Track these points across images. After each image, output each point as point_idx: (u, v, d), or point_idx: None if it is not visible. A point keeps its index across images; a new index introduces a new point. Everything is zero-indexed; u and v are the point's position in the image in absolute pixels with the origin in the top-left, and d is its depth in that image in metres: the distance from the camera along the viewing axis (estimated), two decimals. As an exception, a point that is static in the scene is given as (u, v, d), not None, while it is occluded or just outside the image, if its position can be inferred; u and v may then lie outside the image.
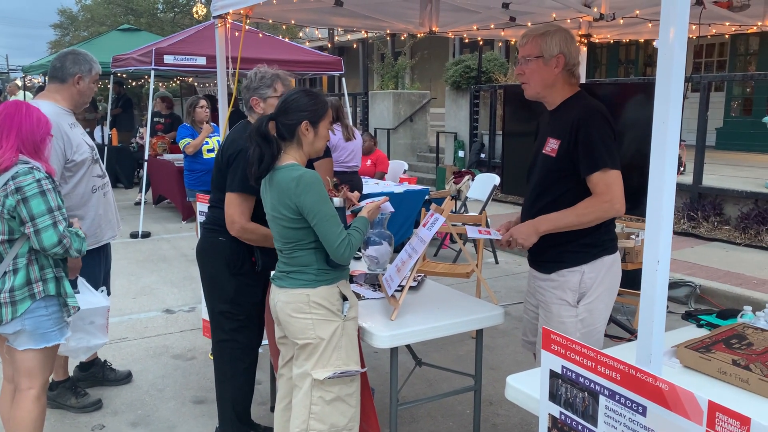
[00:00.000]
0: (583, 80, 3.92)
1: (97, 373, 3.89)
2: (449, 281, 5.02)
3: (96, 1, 27.60)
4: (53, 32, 32.71)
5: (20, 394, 2.71)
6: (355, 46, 17.50)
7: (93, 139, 10.38)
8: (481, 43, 8.05)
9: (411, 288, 3.08)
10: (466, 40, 5.91)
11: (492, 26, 4.91)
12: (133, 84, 14.94)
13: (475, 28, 4.98)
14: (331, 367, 2.44)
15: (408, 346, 3.26)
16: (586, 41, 4.80)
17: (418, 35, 5.20)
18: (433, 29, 4.94)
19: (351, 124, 6.17)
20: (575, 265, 2.50)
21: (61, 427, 3.41)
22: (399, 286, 2.80)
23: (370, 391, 2.77)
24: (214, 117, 10.19)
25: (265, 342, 3.85)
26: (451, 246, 7.31)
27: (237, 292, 2.96)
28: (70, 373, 3.79)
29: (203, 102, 6.97)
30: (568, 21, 4.59)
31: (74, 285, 3.13)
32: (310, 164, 3.73)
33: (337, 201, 2.64)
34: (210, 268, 3.03)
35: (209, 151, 6.67)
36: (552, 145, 2.53)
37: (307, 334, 2.43)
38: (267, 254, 2.96)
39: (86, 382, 3.81)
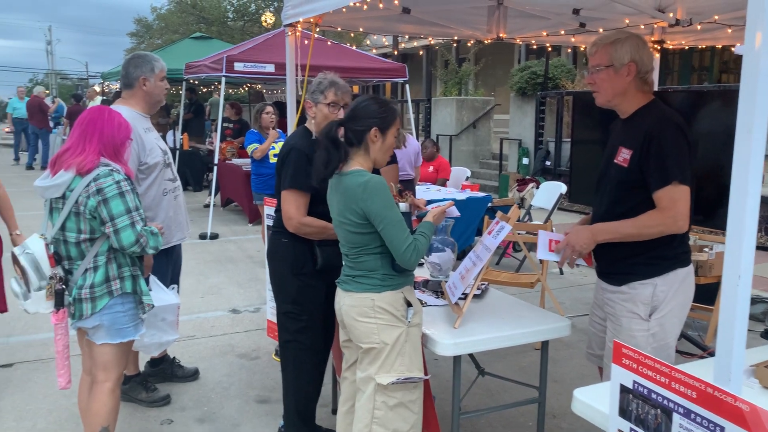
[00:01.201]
0: (655, 88, 3.81)
1: (166, 369, 4.02)
2: (512, 290, 4.95)
3: (170, 10, 28.67)
4: (129, 40, 34.18)
5: (96, 386, 2.84)
6: (421, 53, 17.52)
7: (165, 143, 10.79)
8: (549, 49, 7.93)
9: (475, 296, 3.05)
10: (534, 46, 5.83)
11: (562, 32, 4.83)
12: (204, 90, 15.42)
13: (544, 34, 4.91)
14: (395, 372, 2.44)
15: (471, 355, 3.24)
16: (659, 47, 4.66)
17: (485, 41, 5.17)
18: (501, 36, 4.90)
19: (404, 132, 6.13)
20: (647, 278, 2.42)
21: (132, 420, 3.54)
22: (463, 294, 2.78)
23: (432, 398, 2.77)
24: (282, 123, 10.43)
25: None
26: (513, 255, 7.21)
27: (299, 292, 3.00)
28: (141, 368, 3.93)
29: (269, 108, 7.14)
30: (642, 27, 4.46)
31: (146, 283, 3.25)
32: (375, 170, 3.77)
33: (403, 206, 2.65)
34: (276, 270, 3.10)
35: (276, 156, 6.82)
36: (624, 155, 2.46)
37: (371, 339, 2.45)
38: (327, 252, 2.98)
39: (156, 377, 3.95)
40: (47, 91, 18.63)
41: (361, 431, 2.49)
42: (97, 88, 17.87)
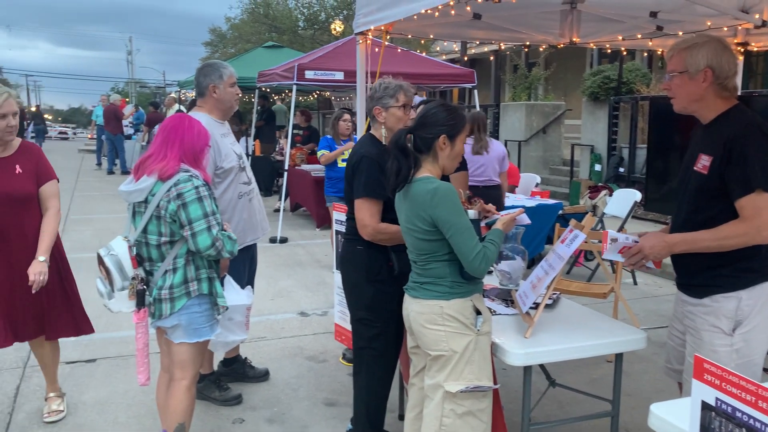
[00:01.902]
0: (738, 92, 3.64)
1: (238, 369, 4.13)
2: (584, 301, 4.83)
3: (243, 20, 29.53)
4: (204, 49, 35.42)
5: (174, 383, 2.95)
6: (492, 58, 17.38)
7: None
8: (623, 53, 7.72)
9: (546, 306, 3.00)
10: (607, 50, 5.69)
11: (638, 36, 4.70)
12: (275, 98, 15.80)
13: (619, 38, 4.79)
14: (464, 380, 2.43)
15: (542, 366, 3.18)
16: (742, 50, 4.46)
17: (558, 46, 5.08)
18: (574, 40, 4.81)
19: (488, 137, 5.99)
20: (731, 291, 2.31)
21: (206, 417, 3.66)
22: (534, 303, 2.74)
23: (501, 408, 2.73)
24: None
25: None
26: (585, 264, 7.04)
27: (374, 299, 3.01)
28: (215, 367, 4.05)
29: (346, 116, 7.24)
30: (725, 29, 4.28)
31: (221, 283, 3.36)
32: (445, 177, 3.75)
33: (472, 213, 2.63)
34: (350, 276, 3.12)
35: (344, 160, 6.94)
36: (704, 162, 2.36)
37: (440, 346, 2.44)
38: (403, 258, 2.98)
39: (228, 377, 4.06)
40: (127, 99, 19.52)
41: (429, 438, 2.49)
42: (175, 96, 18.61)
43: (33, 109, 28.09)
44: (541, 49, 6.46)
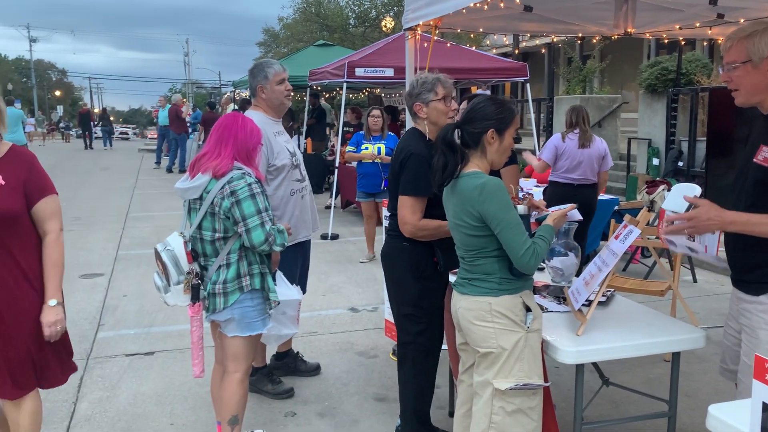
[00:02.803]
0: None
1: (290, 363, 4.20)
2: (641, 299, 4.70)
3: (295, 19, 29.89)
4: (258, 50, 36.04)
5: (227, 376, 3.02)
6: (543, 51, 17.09)
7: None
8: (682, 43, 7.46)
9: (599, 303, 2.93)
10: (665, 41, 5.51)
11: (697, 25, 4.53)
12: (326, 96, 15.94)
13: (677, 27, 4.63)
14: (513, 378, 2.40)
15: (595, 364, 3.11)
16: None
17: (612, 37, 4.95)
18: (629, 30, 4.68)
19: (591, 132, 5.77)
20: (791, 287, 2.20)
21: (259, 410, 3.73)
22: (586, 300, 2.68)
23: (552, 406, 2.69)
24: (393, 127, 10.55)
25: (444, 347, 3.90)
26: (642, 261, 6.85)
27: (420, 295, 3.03)
28: (267, 361, 4.12)
29: (375, 112, 7.38)
30: (791, 14, 4.08)
31: (272, 277, 3.42)
32: (497, 172, 3.69)
33: (521, 208, 2.59)
34: (395, 272, 3.12)
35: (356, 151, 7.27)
36: (764, 154, 2.25)
37: (489, 343, 2.42)
38: (448, 254, 2.98)
39: (280, 370, 4.13)
40: (185, 100, 20.05)
41: (479, 435, 2.47)
42: (230, 96, 18.99)
43: (97, 111, 29.15)
44: (594, 41, 6.27)
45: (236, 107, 13.98)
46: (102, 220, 9.87)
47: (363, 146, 7.28)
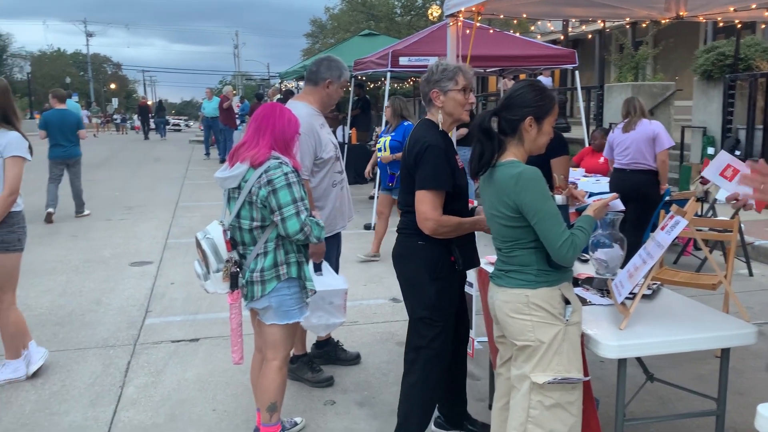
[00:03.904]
0: None
1: (330, 352, 4.22)
2: (691, 292, 4.54)
3: (342, 10, 29.96)
4: (305, 41, 36.30)
5: (266, 363, 3.06)
6: (590, 37, 16.67)
7: (335, 137, 11.31)
8: (739, 26, 7.14)
9: (644, 296, 2.83)
10: (720, 24, 5.28)
11: (753, 6, 4.31)
12: (371, 86, 15.92)
13: (731, 9, 4.42)
14: (551, 371, 2.34)
15: (639, 359, 3.02)
16: None
17: (663, 22, 4.77)
18: (681, 14, 4.49)
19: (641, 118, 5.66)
20: None
21: (299, 398, 3.76)
22: (630, 293, 2.60)
23: (593, 401, 2.62)
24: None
25: (484, 339, 3.86)
26: (694, 253, 6.62)
27: (438, 297, 2.88)
28: (308, 349, 4.15)
29: (388, 103, 7.31)
30: None
31: (318, 268, 3.44)
32: (547, 162, 3.59)
33: (559, 198, 2.51)
34: (409, 273, 2.95)
35: (379, 150, 7.07)
36: None
37: (526, 336, 2.37)
38: (466, 253, 2.91)
39: (321, 359, 4.15)
40: (234, 92, 20.37)
41: (516, 429, 2.42)
42: (277, 87, 19.18)
43: (149, 103, 30.02)
44: (644, 26, 6.06)
45: (281, 98, 14.11)
46: (153, 209, 10.12)
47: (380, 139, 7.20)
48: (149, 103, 33.18)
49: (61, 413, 3.59)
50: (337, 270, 3.82)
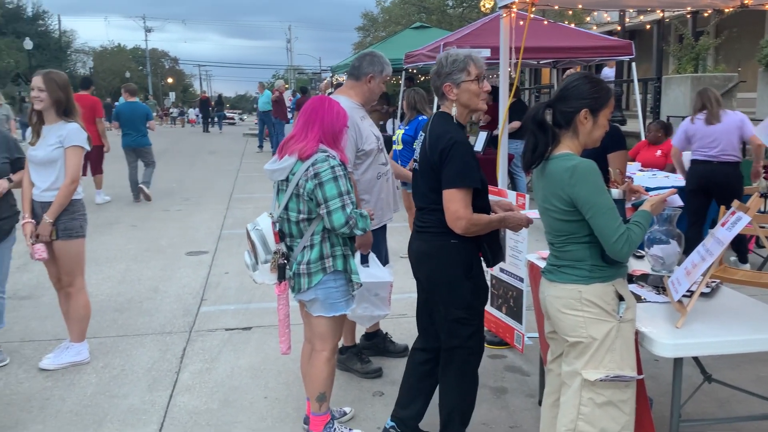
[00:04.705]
0: None
1: (379, 343, 4.25)
2: (752, 291, 4.38)
3: (393, 3, 29.94)
4: (357, 34, 36.41)
5: (315, 354, 3.11)
6: (648, 27, 16.17)
7: (384, 131, 11.31)
8: (809, 13, 6.81)
9: (702, 294, 2.75)
10: (789, 12, 5.05)
11: (826, -8, 4.12)
12: (422, 79, 15.87)
13: (801, -4, 4.23)
14: (604, 369, 2.30)
15: (695, 359, 2.94)
16: None
17: (726, 11, 4.59)
18: (746, 2, 4.32)
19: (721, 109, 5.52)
20: None
21: (348, 388, 3.80)
22: (688, 291, 2.53)
23: (647, 400, 2.57)
24: (494, 108, 10.34)
25: (534, 334, 3.81)
26: (756, 251, 6.37)
27: (473, 295, 2.85)
28: (357, 340, 4.19)
29: (404, 95, 7.27)
30: None
31: (365, 259, 3.46)
32: (603, 156, 3.51)
33: (616, 192, 2.46)
34: (444, 273, 2.83)
35: (393, 142, 6.91)
36: None
37: (578, 332, 2.33)
38: (493, 249, 2.87)
39: (369, 350, 4.18)
40: (287, 86, 20.65)
41: (566, 426, 2.39)
42: (329, 81, 19.32)
43: (202, 97, 30.78)
44: (705, 15, 5.83)
45: (331, 92, 14.20)
46: (208, 200, 10.37)
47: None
48: (203, 96, 33.97)
49: (121, 396, 3.73)
50: (385, 263, 3.84)
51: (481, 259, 2.90)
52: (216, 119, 30.32)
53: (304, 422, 3.37)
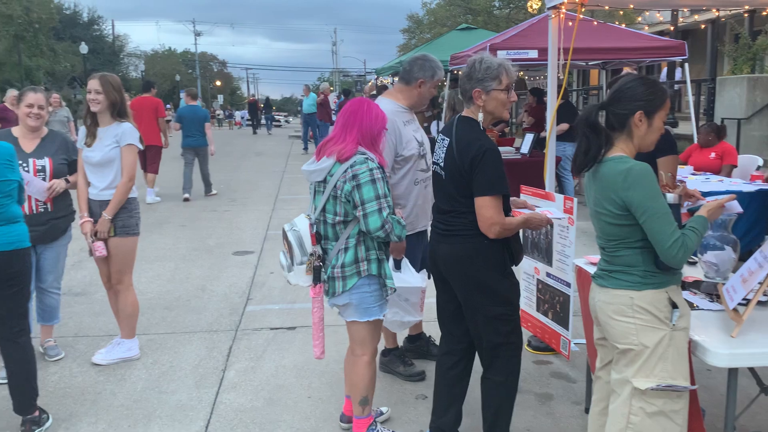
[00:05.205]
0: None
1: (422, 346, 4.23)
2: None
3: (439, 4, 29.86)
4: (402, 36, 36.45)
5: (355, 359, 3.12)
6: (702, 27, 15.71)
7: (429, 133, 11.29)
8: None
9: (759, 303, 2.65)
10: None
11: None
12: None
13: None
14: (655, 378, 2.24)
15: (751, 369, 2.84)
16: None
17: (787, 8, 4.43)
18: (808, -1, 4.16)
19: None
20: None
21: (391, 390, 3.80)
22: (743, 299, 2.44)
23: (700, 411, 2.49)
24: (540, 109, 10.19)
25: (581, 341, 3.74)
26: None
27: (511, 292, 2.89)
28: (400, 343, 4.18)
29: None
30: None
31: (398, 265, 3.46)
32: (653, 161, 3.43)
33: (671, 197, 2.40)
34: (479, 274, 2.83)
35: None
36: None
37: (629, 340, 2.28)
38: (517, 248, 2.91)
39: (412, 353, 4.17)
40: (331, 88, 20.82)
41: (615, 435, 2.34)
42: (373, 83, 19.41)
43: (251, 100, 31.37)
44: (763, 14, 5.60)
45: (374, 94, 14.24)
46: (254, 201, 10.53)
47: None
48: (250, 99, 34.66)
49: (169, 392, 3.82)
50: (421, 268, 3.82)
51: None
52: (265, 121, 30.96)
53: (340, 420, 3.40)
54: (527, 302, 4.16)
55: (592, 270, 2.56)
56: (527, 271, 4.12)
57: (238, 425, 3.45)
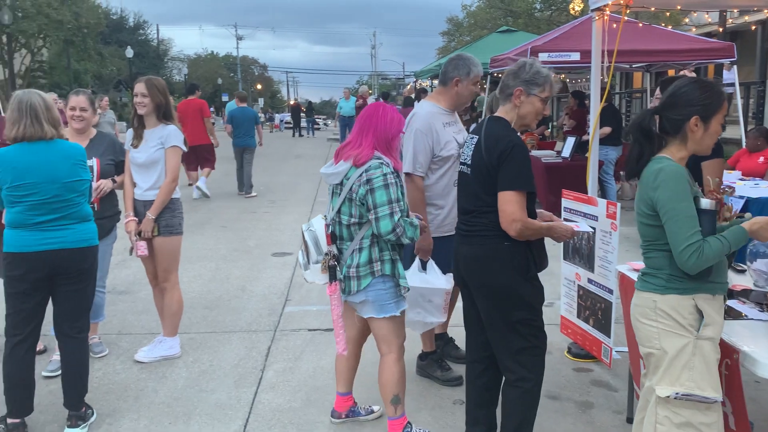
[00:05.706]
0: None
1: (440, 346, 4.08)
2: None
3: (479, 7, 29.68)
4: (441, 39, 36.37)
5: (383, 358, 3.15)
6: (753, 28, 15.27)
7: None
8: None
9: (812, 313, 2.56)
10: None
11: None
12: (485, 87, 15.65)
13: None
14: (680, 386, 2.18)
15: (803, 382, 2.74)
16: None
17: (843, 8, 4.26)
18: None
19: None
20: None
21: (428, 395, 3.79)
22: (796, 309, 2.36)
23: (748, 424, 2.41)
24: (581, 113, 10.03)
25: (623, 348, 3.67)
26: None
27: (535, 295, 2.82)
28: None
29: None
30: None
31: (424, 266, 3.46)
32: (698, 165, 3.36)
33: (706, 203, 2.29)
34: (500, 276, 2.78)
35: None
36: None
37: (651, 343, 2.24)
38: (541, 254, 2.84)
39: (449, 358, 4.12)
40: (370, 91, 20.93)
41: (647, 444, 2.28)
42: (412, 86, 19.42)
43: (292, 103, 31.71)
44: (820, 13, 5.37)
45: (409, 97, 14.26)
46: (293, 203, 10.64)
47: None
48: (292, 103, 35.07)
49: (209, 391, 3.88)
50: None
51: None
52: (306, 125, 31.43)
53: (331, 415, 3.47)
54: (567, 308, 4.10)
55: (634, 276, 2.51)
56: (568, 276, 4.05)
57: (276, 425, 3.48)
